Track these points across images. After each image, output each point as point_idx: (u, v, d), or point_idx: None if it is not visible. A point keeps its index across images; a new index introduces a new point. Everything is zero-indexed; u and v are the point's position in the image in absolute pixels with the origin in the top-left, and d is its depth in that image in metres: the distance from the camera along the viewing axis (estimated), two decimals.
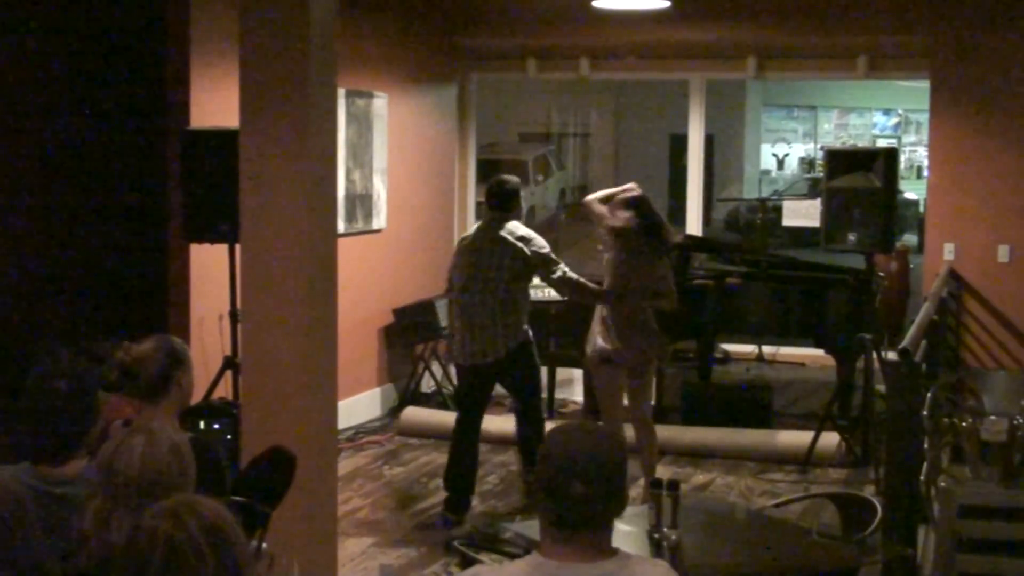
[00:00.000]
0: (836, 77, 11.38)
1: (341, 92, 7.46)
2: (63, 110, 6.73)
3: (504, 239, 6.55)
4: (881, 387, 6.98)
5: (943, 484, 4.98)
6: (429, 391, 9.30)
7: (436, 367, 9.30)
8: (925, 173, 12.85)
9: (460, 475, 6.74)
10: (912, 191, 20.48)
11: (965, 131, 8.75)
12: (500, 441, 8.25)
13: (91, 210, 6.86)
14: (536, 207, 21.66)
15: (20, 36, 6.50)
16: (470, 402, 6.80)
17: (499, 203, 6.66)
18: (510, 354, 6.59)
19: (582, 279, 6.60)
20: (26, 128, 6.56)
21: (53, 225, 6.68)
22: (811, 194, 16.77)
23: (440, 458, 8.00)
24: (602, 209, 6.64)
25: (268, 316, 4.86)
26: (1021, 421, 4.89)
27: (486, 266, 6.54)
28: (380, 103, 9.00)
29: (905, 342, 5.36)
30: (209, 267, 6.90)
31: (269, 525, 4.04)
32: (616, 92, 23.06)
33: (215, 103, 6.97)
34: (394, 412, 9.02)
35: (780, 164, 25.85)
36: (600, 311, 6.62)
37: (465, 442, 6.77)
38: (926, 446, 5.09)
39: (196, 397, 5.83)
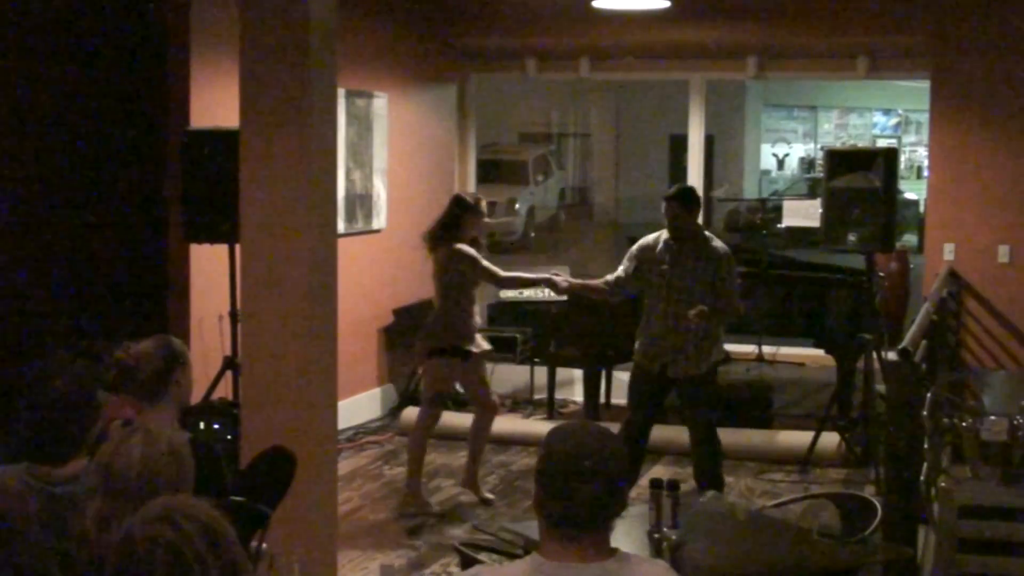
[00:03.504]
0: (836, 77, 11.37)
1: (341, 92, 7.45)
2: (63, 110, 6.73)
3: None
4: (881, 387, 6.98)
5: (943, 484, 4.98)
6: None
7: None
8: (925, 173, 12.85)
9: None
10: (912, 191, 20.49)
11: (965, 131, 8.75)
12: (500, 441, 8.25)
13: (91, 210, 6.85)
14: (536, 207, 21.66)
15: (20, 36, 6.50)
16: None
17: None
18: None
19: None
20: (26, 128, 6.55)
21: (53, 225, 6.68)
22: (811, 194, 16.77)
23: (440, 458, 8.00)
24: None
25: (268, 316, 4.86)
26: (1021, 421, 4.89)
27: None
28: (380, 103, 9.00)
29: (905, 342, 5.36)
30: (209, 267, 6.90)
31: (269, 525, 4.05)
32: (616, 92, 23.06)
33: (215, 103, 6.97)
34: (394, 412, 9.02)
35: (780, 164, 25.87)
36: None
37: None
38: (926, 446, 5.10)
39: (196, 397, 5.84)
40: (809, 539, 4.53)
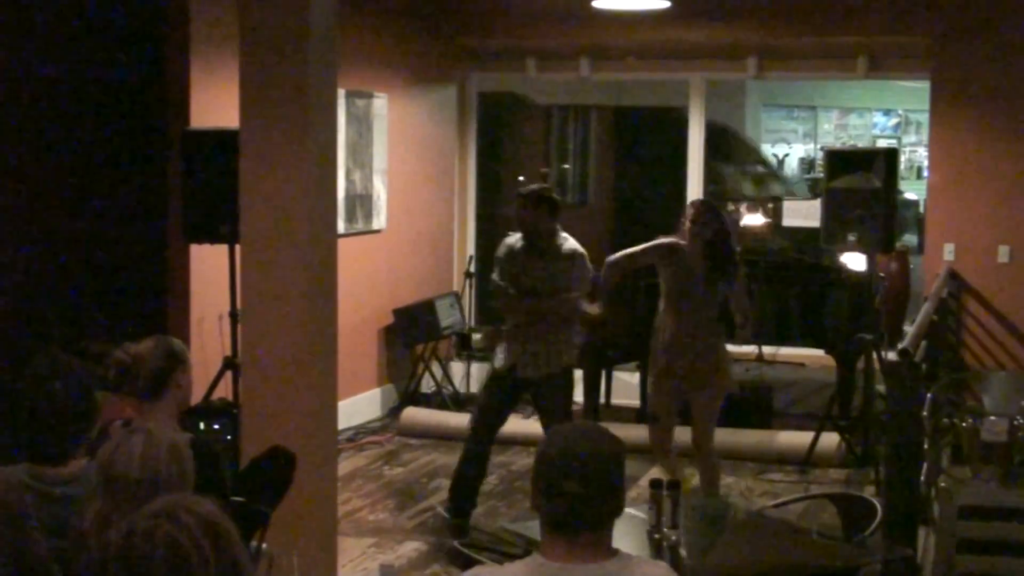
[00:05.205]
0: (836, 77, 11.35)
1: (341, 92, 7.45)
2: (63, 110, 6.73)
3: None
4: (881, 387, 6.98)
5: (943, 484, 4.99)
6: (429, 391, 9.29)
7: (436, 367, 9.29)
8: (925, 173, 12.84)
9: None
10: (912, 191, 20.44)
11: (965, 131, 8.74)
12: (500, 441, 8.23)
13: (91, 210, 6.85)
14: None
15: (20, 36, 6.50)
16: None
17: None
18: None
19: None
20: (26, 128, 6.55)
21: (53, 225, 6.68)
22: (811, 194, 16.74)
23: (440, 458, 8.00)
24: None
25: (268, 316, 4.86)
26: (1021, 421, 4.90)
27: None
28: (380, 103, 8.99)
29: (905, 342, 5.36)
30: (209, 267, 6.90)
31: (269, 525, 4.05)
32: (616, 92, 23.03)
33: (215, 103, 6.97)
34: (394, 412, 9.02)
35: (780, 164, 25.84)
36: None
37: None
38: (926, 446, 5.10)
39: (196, 397, 5.83)
40: (809, 539, 4.53)
